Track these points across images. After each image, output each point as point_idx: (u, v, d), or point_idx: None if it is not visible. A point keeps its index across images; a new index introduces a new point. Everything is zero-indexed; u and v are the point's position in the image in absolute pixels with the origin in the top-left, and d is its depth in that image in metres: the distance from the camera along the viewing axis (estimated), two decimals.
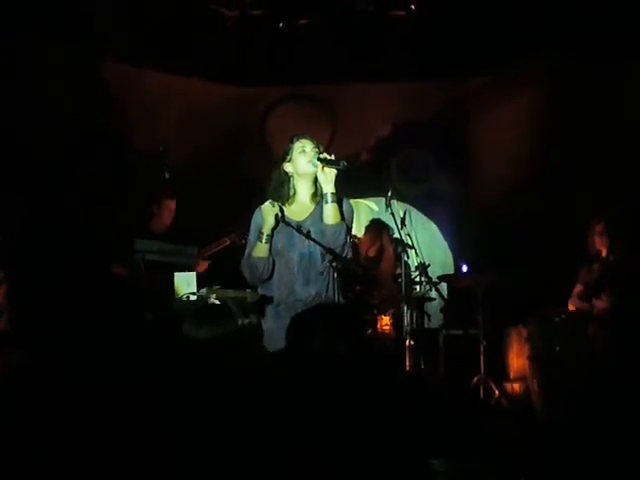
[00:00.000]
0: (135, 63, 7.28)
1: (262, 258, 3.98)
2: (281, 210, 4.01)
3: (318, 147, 4.04)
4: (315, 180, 4.05)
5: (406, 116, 8.10)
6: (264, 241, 3.97)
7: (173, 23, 6.70)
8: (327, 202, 3.94)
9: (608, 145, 7.12)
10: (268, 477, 2.10)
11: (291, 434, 2.13)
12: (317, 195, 4.08)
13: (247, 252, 4.09)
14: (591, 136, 7.21)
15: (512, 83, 7.72)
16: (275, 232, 4.01)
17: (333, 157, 3.96)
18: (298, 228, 3.98)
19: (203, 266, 6.10)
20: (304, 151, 4.01)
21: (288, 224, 4.00)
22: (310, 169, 3.99)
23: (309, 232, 3.97)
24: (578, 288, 6.17)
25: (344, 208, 4.05)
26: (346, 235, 4.00)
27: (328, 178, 3.93)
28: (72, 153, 6.69)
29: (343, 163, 3.93)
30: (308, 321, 2.34)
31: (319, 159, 3.94)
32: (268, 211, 3.97)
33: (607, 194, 6.79)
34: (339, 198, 4.00)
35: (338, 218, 3.95)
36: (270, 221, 3.96)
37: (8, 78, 6.46)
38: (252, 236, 4.11)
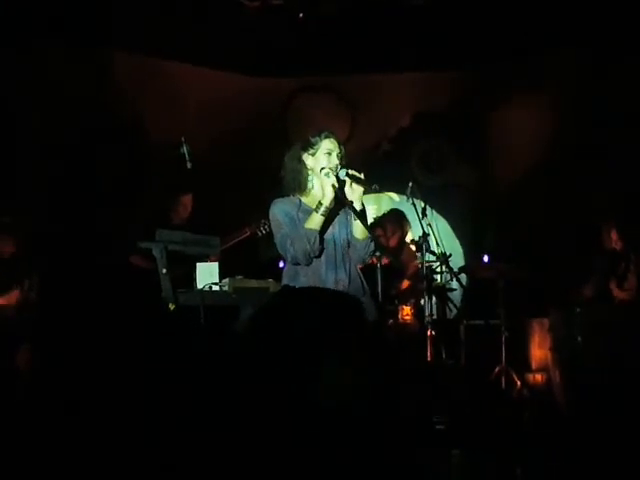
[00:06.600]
0: (154, 54, 7.30)
1: (314, 230, 3.81)
2: (340, 183, 3.85)
3: (341, 151, 3.93)
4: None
5: (426, 106, 8.07)
6: (321, 213, 3.80)
7: (192, 14, 6.71)
8: (355, 219, 3.87)
9: (631, 137, 7.06)
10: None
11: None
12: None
13: (282, 232, 3.89)
14: (612, 129, 7.14)
15: (532, 73, 7.66)
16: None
17: (362, 175, 3.83)
18: (349, 202, 3.83)
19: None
20: (330, 154, 3.90)
21: (344, 202, 3.85)
22: (331, 180, 3.84)
23: (361, 211, 3.88)
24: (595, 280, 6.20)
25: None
26: (375, 243, 3.98)
27: (356, 195, 3.83)
28: (92, 145, 6.72)
29: (375, 187, 3.82)
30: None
31: (347, 174, 3.82)
32: (326, 182, 3.81)
33: (626, 188, 6.74)
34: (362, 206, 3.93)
35: (366, 232, 3.89)
36: (329, 192, 3.80)
37: (29, 77, 6.52)
38: (273, 227, 3.98)
